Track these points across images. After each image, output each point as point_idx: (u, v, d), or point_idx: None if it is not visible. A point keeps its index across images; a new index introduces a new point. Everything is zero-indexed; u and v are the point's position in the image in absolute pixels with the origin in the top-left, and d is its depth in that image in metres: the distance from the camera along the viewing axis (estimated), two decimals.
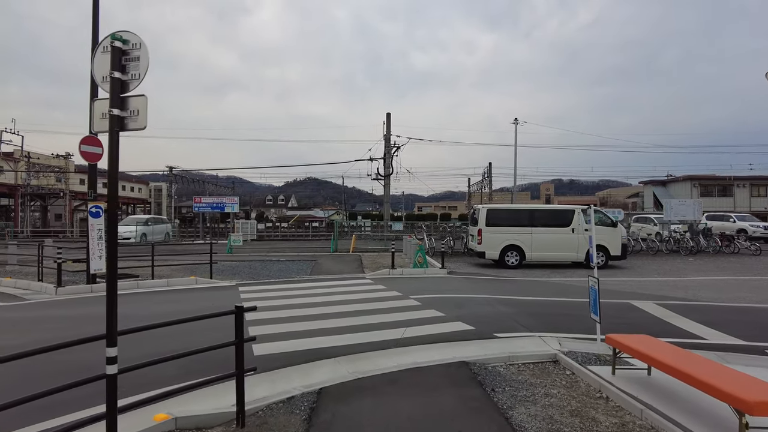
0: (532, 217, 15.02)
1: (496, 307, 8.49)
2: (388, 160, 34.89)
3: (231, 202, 31.70)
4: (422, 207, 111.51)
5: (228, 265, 15.29)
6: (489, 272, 13.98)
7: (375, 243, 23.22)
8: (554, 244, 14.81)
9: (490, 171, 55.07)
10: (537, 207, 15.71)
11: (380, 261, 16.43)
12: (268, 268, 14.63)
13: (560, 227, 14.95)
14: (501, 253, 14.75)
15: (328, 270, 14.26)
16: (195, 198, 32.47)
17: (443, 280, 12.15)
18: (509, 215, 15.13)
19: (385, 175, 34.65)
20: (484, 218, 14.89)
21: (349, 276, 12.78)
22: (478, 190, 61.91)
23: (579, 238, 14.83)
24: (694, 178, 47.47)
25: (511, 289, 11.02)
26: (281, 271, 13.92)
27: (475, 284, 11.51)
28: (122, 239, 26.94)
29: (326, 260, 17.01)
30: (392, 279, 12.24)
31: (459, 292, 10.24)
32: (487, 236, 14.81)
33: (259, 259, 17.27)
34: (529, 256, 14.81)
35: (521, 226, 14.88)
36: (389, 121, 35.03)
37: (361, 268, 14.58)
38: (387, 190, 35.09)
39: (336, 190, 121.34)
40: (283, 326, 6.95)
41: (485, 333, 6.68)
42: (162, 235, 30.22)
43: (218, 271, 13.58)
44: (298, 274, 13.32)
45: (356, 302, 8.80)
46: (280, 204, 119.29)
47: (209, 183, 53.56)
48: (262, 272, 13.57)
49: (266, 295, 9.69)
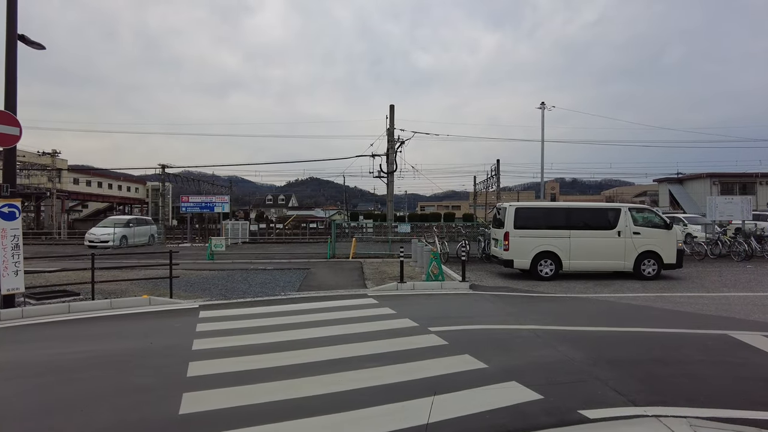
0: (569, 218, 12.39)
1: (557, 349, 5.89)
2: (392, 155, 32.26)
3: (221, 201, 29.12)
4: (425, 207, 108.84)
5: (202, 276, 12.71)
6: (520, 285, 11.37)
7: (378, 247, 20.59)
8: (596, 250, 12.20)
9: (498, 169, 52.31)
10: (575, 206, 13.07)
11: (385, 270, 13.83)
12: (250, 279, 12.05)
13: (603, 230, 12.33)
14: (532, 261, 12.14)
15: (322, 283, 11.67)
16: (182, 197, 29.89)
17: (467, 300, 9.54)
18: (542, 216, 12.50)
19: (388, 172, 31.95)
20: (512, 219, 12.27)
21: (346, 293, 10.18)
22: (483, 189, 59.32)
23: (626, 242, 12.21)
24: (714, 175, 44.84)
25: (560, 312, 8.40)
26: (264, 284, 11.33)
27: (510, 305, 8.90)
28: (100, 243, 24.44)
29: (321, 269, 14.42)
30: (402, 297, 9.64)
31: (494, 319, 7.63)
32: (515, 241, 12.19)
33: (242, 267, 14.68)
34: (566, 265, 12.19)
35: (557, 229, 12.26)
36: (392, 114, 32.33)
37: (363, 280, 11.99)
38: (390, 188, 32.38)
39: (337, 189, 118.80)
40: (234, 395, 4.34)
41: (564, 409, 4.06)
42: (146, 238, 27.66)
43: (186, 286, 11.00)
44: (284, 288, 10.73)
45: (353, 340, 6.20)
46: (281, 204, 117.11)
47: (206, 182, 51.06)
48: (239, 286, 10.98)
49: (231, 326, 7.10)
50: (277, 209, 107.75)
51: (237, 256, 18.46)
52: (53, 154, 48.04)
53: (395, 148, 32.61)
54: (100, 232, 24.92)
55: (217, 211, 29.31)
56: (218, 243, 16.70)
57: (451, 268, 13.87)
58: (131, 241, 25.92)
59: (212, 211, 29.44)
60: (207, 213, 41.93)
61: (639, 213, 12.79)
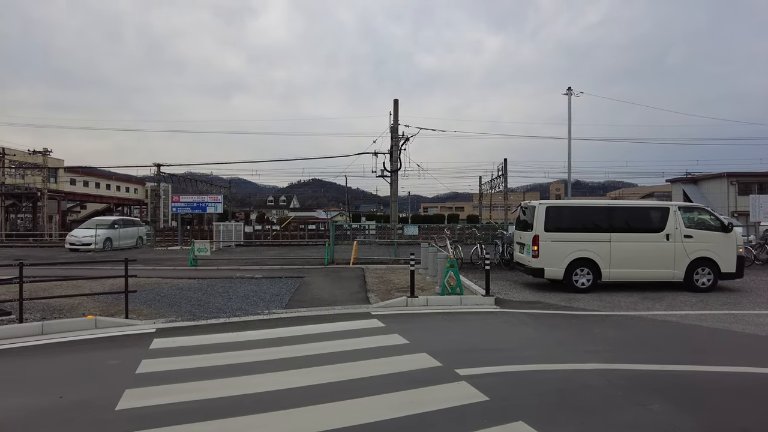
0: (610, 219, 10.47)
1: (649, 408, 3.97)
2: (396, 153, 30.37)
3: (214, 201, 27.27)
4: (427, 208, 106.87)
5: (176, 286, 10.83)
6: (554, 299, 9.46)
7: (382, 251, 18.69)
8: (641, 256, 10.28)
9: (505, 168, 50.33)
10: (617, 204, 11.12)
11: (391, 279, 11.93)
12: (232, 291, 10.16)
13: (649, 232, 10.42)
14: (567, 270, 10.22)
15: (316, 296, 9.78)
16: (173, 197, 28.05)
17: (497, 321, 7.63)
18: (578, 216, 10.58)
19: (392, 170, 30.03)
20: (542, 220, 10.34)
21: (344, 310, 8.28)
22: (488, 190, 57.28)
23: (676, 248, 10.29)
24: (732, 174, 42.86)
25: (620, 339, 6.48)
26: (247, 298, 9.44)
27: (553, 329, 7.00)
28: (81, 245, 22.62)
29: (317, 277, 12.53)
30: (414, 318, 7.74)
31: (541, 352, 5.71)
32: (547, 246, 10.26)
33: (227, 275, 12.79)
34: (605, 275, 10.27)
35: (595, 231, 10.35)
36: (397, 110, 30.41)
37: (364, 293, 10.09)
38: (394, 187, 30.43)
39: (340, 191, 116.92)
40: None
41: None
42: (133, 240, 25.82)
43: (153, 299, 9.13)
44: (270, 304, 8.84)
45: (350, 392, 4.30)
46: (282, 205, 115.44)
47: (204, 182, 49.28)
48: (216, 301, 9.10)
49: (185, 364, 5.21)
50: (278, 210, 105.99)
51: (224, 261, 16.58)
52: (44, 152, 46.28)
53: (399, 145, 30.69)
54: (81, 234, 23.09)
55: (210, 211, 27.48)
56: (202, 247, 14.85)
57: (468, 276, 11.97)
58: (117, 244, 24.09)
59: (204, 211, 27.61)
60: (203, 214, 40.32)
61: (690, 213, 10.88)
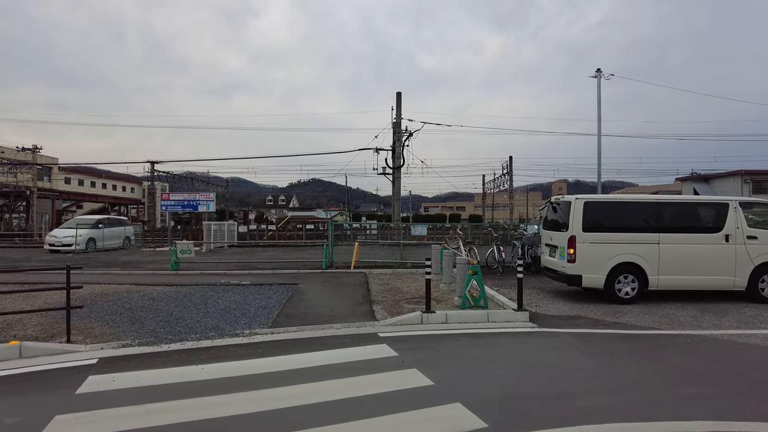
0: (659, 216, 8.83)
1: None
2: (399, 149, 28.71)
3: (206, 199, 25.58)
4: (428, 208, 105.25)
5: (148, 296, 9.20)
6: (596, 313, 7.84)
7: (385, 253, 17.06)
8: (695, 261, 8.65)
9: (510, 166, 48.73)
10: (666, 200, 9.43)
11: (398, 287, 10.29)
12: (211, 303, 8.54)
13: (704, 232, 8.80)
14: (608, 277, 8.60)
15: (311, 309, 8.15)
16: (162, 195, 26.40)
17: (541, 346, 5.98)
18: (622, 213, 8.93)
19: (394, 167, 28.30)
20: (579, 218, 8.70)
21: (345, 331, 6.64)
22: (491, 189, 55.62)
23: (737, 251, 8.66)
24: (746, 173, 41.26)
25: (716, 375, 4.84)
26: (227, 311, 7.81)
27: (619, 358, 5.37)
28: (62, 246, 20.99)
29: (313, 284, 10.90)
30: (434, 342, 6.10)
31: (621, 400, 4.07)
32: (585, 249, 8.63)
33: (210, 282, 11.15)
34: (653, 282, 8.65)
35: (641, 232, 8.73)
36: (399, 103, 28.69)
37: (369, 305, 8.46)
38: (397, 184, 28.68)
39: (340, 191, 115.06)
40: None
41: None
42: (119, 241, 24.18)
43: (112, 314, 7.51)
44: (253, 321, 7.21)
45: None
46: (281, 204, 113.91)
47: (202, 181, 47.63)
48: (189, 316, 7.47)
49: (121, 425, 3.59)
50: (277, 210, 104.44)
51: (211, 264, 14.93)
52: (33, 150, 44.68)
53: (402, 141, 29.04)
54: (62, 234, 21.45)
55: (202, 210, 25.78)
56: (185, 249, 13.22)
57: (487, 283, 10.34)
58: (101, 245, 22.45)
59: (196, 210, 25.92)
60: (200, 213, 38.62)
61: (753, 209, 9.23)
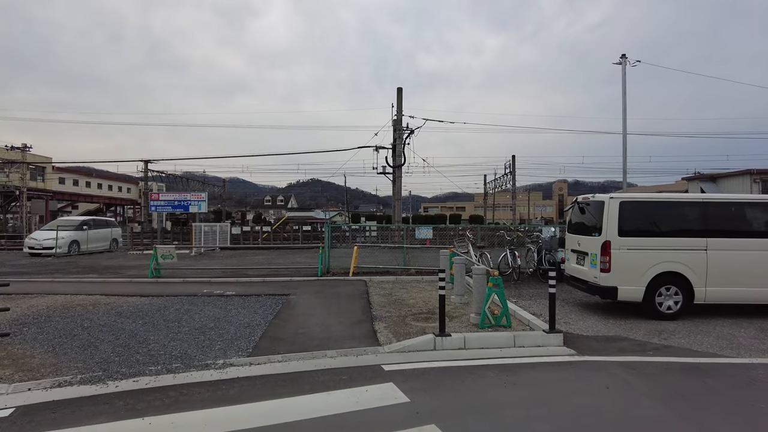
0: (706, 218, 7.62)
1: None
2: (400, 146, 27.45)
3: (197, 199, 24.36)
4: (428, 208, 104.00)
5: (114, 309, 7.96)
6: (639, 332, 6.63)
7: (386, 256, 15.81)
8: (751, 270, 7.44)
9: (513, 165, 47.53)
10: (715, 198, 8.20)
11: (403, 298, 9.06)
12: (186, 320, 7.31)
13: (760, 237, 7.60)
14: (647, 288, 7.39)
15: (301, 331, 6.91)
16: (151, 195, 25.15)
17: (591, 386, 4.74)
18: (663, 215, 7.71)
19: (394, 166, 27.04)
20: (615, 221, 7.48)
21: (342, 362, 5.39)
22: (491, 190, 54.41)
23: None
24: (756, 172, 40.12)
25: None
26: (202, 331, 6.58)
27: (689, 402, 4.15)
28: (42, 249, 19.72)
29: (307, 295, 9.67)
30: (454, 378, 4.86)
31: None
32: (622, 257, 7.41)
33: (190, 292, 9.89)
34: (699, 295, 7.44)
35: (685, 236, 7.52)
36: (400, 99, 27.43)
37: (370, 323, 7.21)
38: (398, 184, 27.40)
39: (339, 191, 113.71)
40: None
41: None
42: (105, 243, 22.89)
43: (63, 336, 6.29)
44: (231, 345, 5.98)
45: None
46: (280, 205, 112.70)
47: (198, 181, 46.38)
48: (155, 338, 6.23)
49: None
50: (275, 210, 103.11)
51: (196, 271, 13.66)
52: (23, 148, 43.37)
53: (403, 138, 27.79)
54: (42, 237, 20.17)
55: (193, 210, 24.55)
56: (166, 254, 11.98)
57: (514, 296, 9.12)
58: (85, 248, 21.16)
59: (187, 210, 24.69)
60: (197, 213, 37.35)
61: None
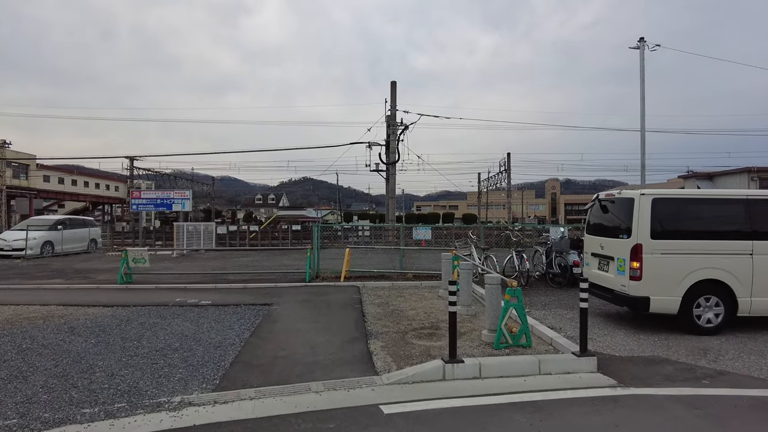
0: (751, 218, 6.64)
1: None
2: (394, 143, 26.36)
3: (181, 197, 23.16)
4: (420, 206, 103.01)
5: (67, 323, 6.82)
6: (679, 352, 5.64)
7: (380, 258, 14.71)
8: None
9: (508, 162, 46.56)
10: (761, 195, 7.15)
11: (402, 309, 8.00)
12: (148, 338, 6.21)
13: None
14: (684, 299, 6.40)
15: (281, 353, 5.83)
16: (132, 193, 23.89)
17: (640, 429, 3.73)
18: (701, 214, 6.71)
19: (388, 162, 25.95)
20: (647, 221, 6.47)
21: (328, 405, 4.27)
22: (487, 188, 53.48)
23: None
24: (753, 170, 39.55)
25: None
26: (163, 355, 5.49)
27: None
28: (12, 251, 18.46)
29: (292, 305, 8.58)
30: (470, 422, 3.80)
31: None
32: (654, 263, 6.40)
33: (163, 301, 8.76)
34: (745, 307, 6.46)
35: (727, 239, 6.54)
36: (394, 94, 26.32)
37: (365, 343, 6.13)
38: (392, 181, 26.26)
39: (331, 190, 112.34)
40: None
41: None
42: (83, 244, 21.62)
43: None
44: (195, 373, 4.89)
45: None
46: (271, 203, 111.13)
47: (186, 179, 44.99)
48: (104, 365, 5.13)
49: None
50: (266, 209, 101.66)
51: (172, 276, 12.48)
52: (1, 145, 41.75)
53: (397, 134, 26.68)
54: (12, 237, 18.91)
55: (176, 209, 23.38)
56: (138, 257, 10.84)
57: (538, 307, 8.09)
58: (60, 249, 19.90)
59: (170, 209, 23.52)
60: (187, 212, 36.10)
61: None
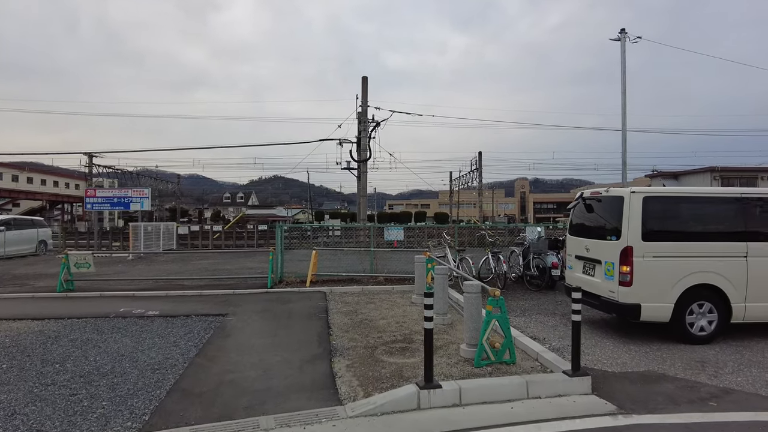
0: (746, 217, 6.21)
1: None
2: (365, 140, 25.60)
3: (140, 196, 21.80)
4: (393, 205, 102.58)
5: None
6: (676, 365, 5.12)
7: (350, 259, 13.95)
8: None
9: (480, 161, 46.45)
10: (757, 194, 6.67)
11: (372, 318, 7.30)
12: (75, 358, 5.30)
13: None
14: (677, 305, 5.91)
15: (229, 376, 5.03)
16: (87, 191, 22.36)
17: None
18: (694, 214, 6.25)
19: (359, 160, 25.16)
20: (638, 222, 5.94)
21: None
22: (456, 187, 53.30)
23: None
24: (717, 169, 40.62)
25: None
26: (87, 383, 4.62)
27: None
28: None
29: (249, 315, 7.75)
30: None
31: None
32: (646, 267, 5.88)
33: (105, 311, 7.78)
34: (739, 313, 6.03)
35: (720, 240, 6.09)
36: (365, 89, 25.50)
37: (328, 363, 5.38)
38: (363, 180, 25.45)
39: (302, 188, 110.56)
40: None
41: None
42: (30, 246, 20.07)
43: None
44: (119, 410, 4.05)
45: None
46: (240, 202, 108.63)
47: (149, 177, 43.08)
48: (12, 397, 4.24)
49: None
50: (235, 208, 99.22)
51: (121, 282, 11.39)
52: None
53: (369, 131, 25.90)
54: None
55: (135, 208, 21.98)
56: (81, 261, 9.78)
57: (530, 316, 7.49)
58: (2, 251, 18.36)
59: (128, 208, 22.09)
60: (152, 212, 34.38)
61: None
